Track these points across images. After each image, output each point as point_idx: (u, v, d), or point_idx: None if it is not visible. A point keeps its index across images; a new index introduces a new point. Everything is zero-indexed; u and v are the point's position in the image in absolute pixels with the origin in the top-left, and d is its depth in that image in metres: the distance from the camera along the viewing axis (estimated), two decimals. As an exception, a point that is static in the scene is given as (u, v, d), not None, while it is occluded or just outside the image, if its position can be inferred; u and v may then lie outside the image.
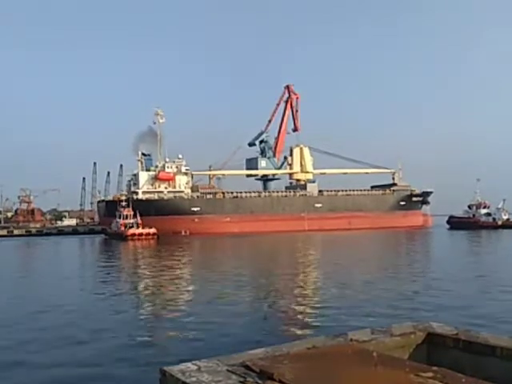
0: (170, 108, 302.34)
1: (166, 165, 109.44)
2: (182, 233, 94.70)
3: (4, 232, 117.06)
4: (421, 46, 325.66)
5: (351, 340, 4.98)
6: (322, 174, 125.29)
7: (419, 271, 29.55)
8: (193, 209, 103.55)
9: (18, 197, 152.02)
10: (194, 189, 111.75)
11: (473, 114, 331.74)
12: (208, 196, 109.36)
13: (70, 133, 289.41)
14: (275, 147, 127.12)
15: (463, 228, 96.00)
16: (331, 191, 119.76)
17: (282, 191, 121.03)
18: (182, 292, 23.31)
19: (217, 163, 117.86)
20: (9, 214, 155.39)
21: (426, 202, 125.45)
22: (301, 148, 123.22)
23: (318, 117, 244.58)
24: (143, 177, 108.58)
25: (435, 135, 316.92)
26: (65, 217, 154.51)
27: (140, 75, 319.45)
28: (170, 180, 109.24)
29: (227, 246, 66.10)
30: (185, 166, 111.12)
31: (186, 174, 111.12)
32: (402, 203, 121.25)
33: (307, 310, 17.99)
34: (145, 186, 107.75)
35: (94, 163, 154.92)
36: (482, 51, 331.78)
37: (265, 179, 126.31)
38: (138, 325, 15.99)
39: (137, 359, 11.64)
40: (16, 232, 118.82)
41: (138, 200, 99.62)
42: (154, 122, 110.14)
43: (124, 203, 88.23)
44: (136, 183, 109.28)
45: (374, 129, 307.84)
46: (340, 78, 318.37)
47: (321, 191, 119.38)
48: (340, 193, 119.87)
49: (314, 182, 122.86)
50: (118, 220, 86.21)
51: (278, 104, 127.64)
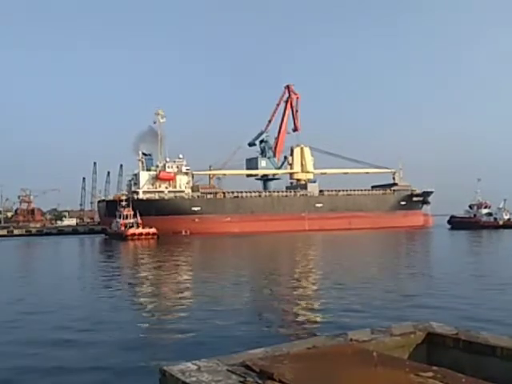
0: (170, 108, 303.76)
1: (167, 165, 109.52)
2: (183, 233, 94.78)
3: (4, 232, 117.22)
4: (421, 45, 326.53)
5: (351, 340, 4.98)
6: (322, 173, 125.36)
7: (419, 271, 29.52)
8: (193, 209, 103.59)
9: (18, 197, 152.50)
10: (194, 189, 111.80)
11: (473, 113, 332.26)
12: (208, 196, 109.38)
13: (70, 133, 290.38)
14: (275, 147, 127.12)
15: (464, 228, 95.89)
16: (332, 191, 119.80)
17: (282, 191, 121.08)
18: (181, 292, 23.27)
19: (217, 163, 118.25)
20: (9, 214, 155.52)
21: (427, 202, 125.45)
22: (301, 148, 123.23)
23: (318, 117, 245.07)
24: (144, 177, 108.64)
25: (435, 135, 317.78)
26: (65, 217, 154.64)
27: (140, 75, 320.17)
28: (170, 180, 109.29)
29: (227, 245, 66.10)
30: (185, 165, 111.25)
31: (186, 173, 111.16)
32: (403, 203, 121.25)
33: (307, 310, 17.98)
34: (145, 186, 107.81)
35: (94, 163, 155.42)
36: (482, 51, 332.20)
37: (265, 179, 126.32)
38: (138, 325, 15.98)
39: (136, 359, 11.63)
40: (16, 232, 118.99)
41: (139, 200, 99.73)
42: (154, 121, 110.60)
43: (124, 203, 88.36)
44: (137, 183, 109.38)
45: (374, 129, 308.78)
46: (340, 77, 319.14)
47: (321, 191, 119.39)
48: (341, 193, 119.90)
49: (314, 181, 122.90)
50: (118, 220, 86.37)
51: (278, 104, 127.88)
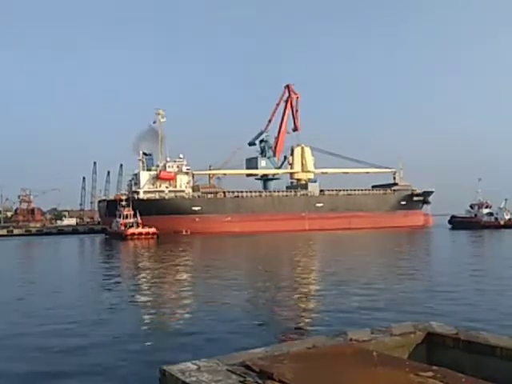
0: (170, 108, 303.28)
1: (167, 164, 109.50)
2: (183, 232, 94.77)
3: (4, 232, 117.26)
4: (421, 45, 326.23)
5: (351, 340, 4.98)
6: (323, 173, 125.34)
7: (419, 271, 29.49)
8: (194, 208, 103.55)
9: (18, 196, 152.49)
10: (194, 188, 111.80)
11: (473, 114, 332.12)
12: (209, 196, 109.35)
13: (70, 133, 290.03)
14: (275, 147, 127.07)
15: (465, 228, 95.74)
16: (332, 191, 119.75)
17: (282, 191, 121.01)
18: (181, 292, 23.27)
19: (217, 163, 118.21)
20: (9, 214, 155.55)
21: (427, 202, 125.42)
22: (302, 147, 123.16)
23: (318, 117, 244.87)
24: (144, 176, 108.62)
25: (435, 135, 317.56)
26: (65, 216, 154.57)
27: (140, 75, 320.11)
28: (171, 179, 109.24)
29: (228, 245, 66.04)
30: (186, 165, 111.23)
31: (187, 173, 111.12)
32: (403, 203, 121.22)
33: (307, 310, 17.98)
34: (146, 186, 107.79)
35: (94, 163, 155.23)
36: (482, 51, 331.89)
37: (265, 179, 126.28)
38: (138, 325, 15.97)
39: (136, 359, 11.63)
40: (16, 231, 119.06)
41: (139, 199, 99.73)
42: (154, 121, 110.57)
43: (124, 203, 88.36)
44: (137, 183, 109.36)
45: (374, 129, 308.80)
46: (340, 77, 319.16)
47: (322, 191, 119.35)
48: (341, 192, 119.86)
49: (315, 181, 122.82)
50: (119, 219, 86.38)
51: (278, 104, 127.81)
